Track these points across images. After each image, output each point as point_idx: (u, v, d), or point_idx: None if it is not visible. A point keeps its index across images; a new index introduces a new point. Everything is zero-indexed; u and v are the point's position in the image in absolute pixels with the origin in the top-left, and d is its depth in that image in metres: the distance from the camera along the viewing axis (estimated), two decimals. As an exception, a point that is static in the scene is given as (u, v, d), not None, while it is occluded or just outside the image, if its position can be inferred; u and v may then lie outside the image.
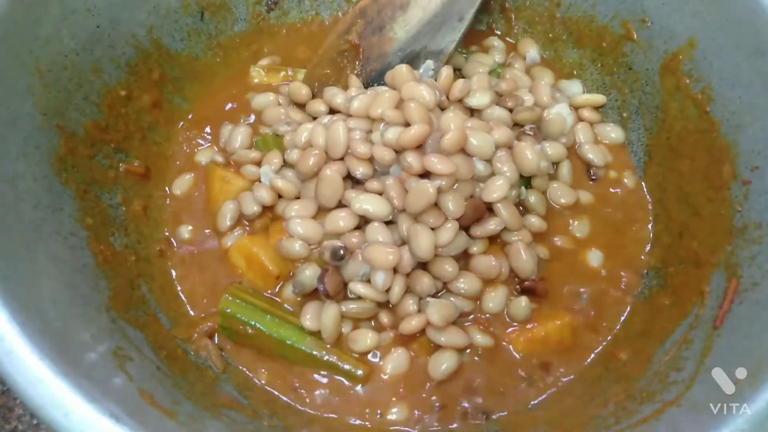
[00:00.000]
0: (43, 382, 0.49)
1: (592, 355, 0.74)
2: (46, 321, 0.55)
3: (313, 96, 0.86)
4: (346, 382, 0.70)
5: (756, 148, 0.69)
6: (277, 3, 0.94)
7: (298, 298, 0.73)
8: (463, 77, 0.87)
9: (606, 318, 0.76)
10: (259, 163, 0.80)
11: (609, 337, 0.75)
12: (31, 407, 0.49)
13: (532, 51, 0.93)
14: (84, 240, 0.68)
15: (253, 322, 0.70)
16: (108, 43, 0.77)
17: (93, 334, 0.60)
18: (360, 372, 0.70)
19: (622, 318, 0.76)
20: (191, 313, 0.75)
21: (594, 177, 0.84)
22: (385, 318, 0.72)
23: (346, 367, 0.70)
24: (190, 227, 0.80)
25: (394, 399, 0.70)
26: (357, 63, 0.85)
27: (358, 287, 0.70)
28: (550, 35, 0.93)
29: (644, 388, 0.65)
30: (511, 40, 0.95)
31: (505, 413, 0.70)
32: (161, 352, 0.67)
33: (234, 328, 0.71)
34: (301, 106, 0.86)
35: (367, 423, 0.69)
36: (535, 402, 0.71)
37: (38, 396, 0.49)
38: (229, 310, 0.71)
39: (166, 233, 0.79)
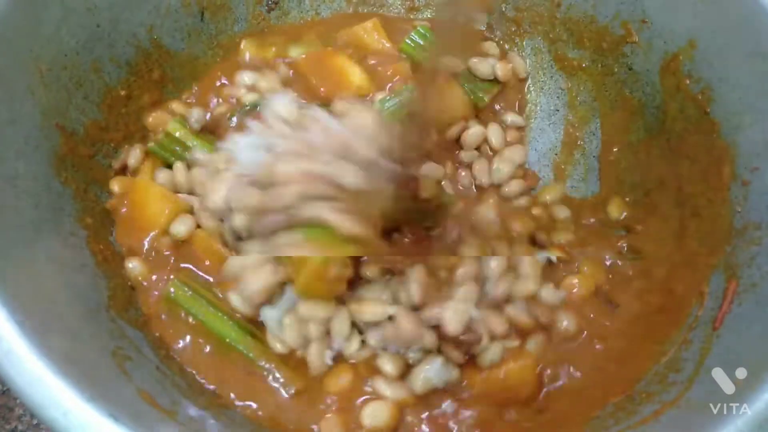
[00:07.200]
0: (42, 382, 0.49)
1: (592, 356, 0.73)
2: (45, 321, 0.55)
3: None
4: (280, 391, 0.66)
5: (756, 149, 0.69)
6: (277, 3, 0.94)
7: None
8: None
9: (606, 318, 0.75)
10: None
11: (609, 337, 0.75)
12: (30, 407, 0.49)
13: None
14: (84, 240, 0.68)
15: (194, 311, 0.67)
16: (108, 42, 0.77)
17: (92, 333, 0.60)
18: (292, 390, 0.65)
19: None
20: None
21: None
22: None
23: (281, 378, 0.66)
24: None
25: (328, 416, 0.64)
26: None
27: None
28: (551, 35, 0.93)
29: (644, 389, 0.65)
30: (507, 46, 0.95)
31: (505, 413, 0.70)
32: (160, 351, 0.67)
33: (176, 314, 0.68)
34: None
35: None
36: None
37: (37, 395, 0.49)
38: (173, 291, 0.68)
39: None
